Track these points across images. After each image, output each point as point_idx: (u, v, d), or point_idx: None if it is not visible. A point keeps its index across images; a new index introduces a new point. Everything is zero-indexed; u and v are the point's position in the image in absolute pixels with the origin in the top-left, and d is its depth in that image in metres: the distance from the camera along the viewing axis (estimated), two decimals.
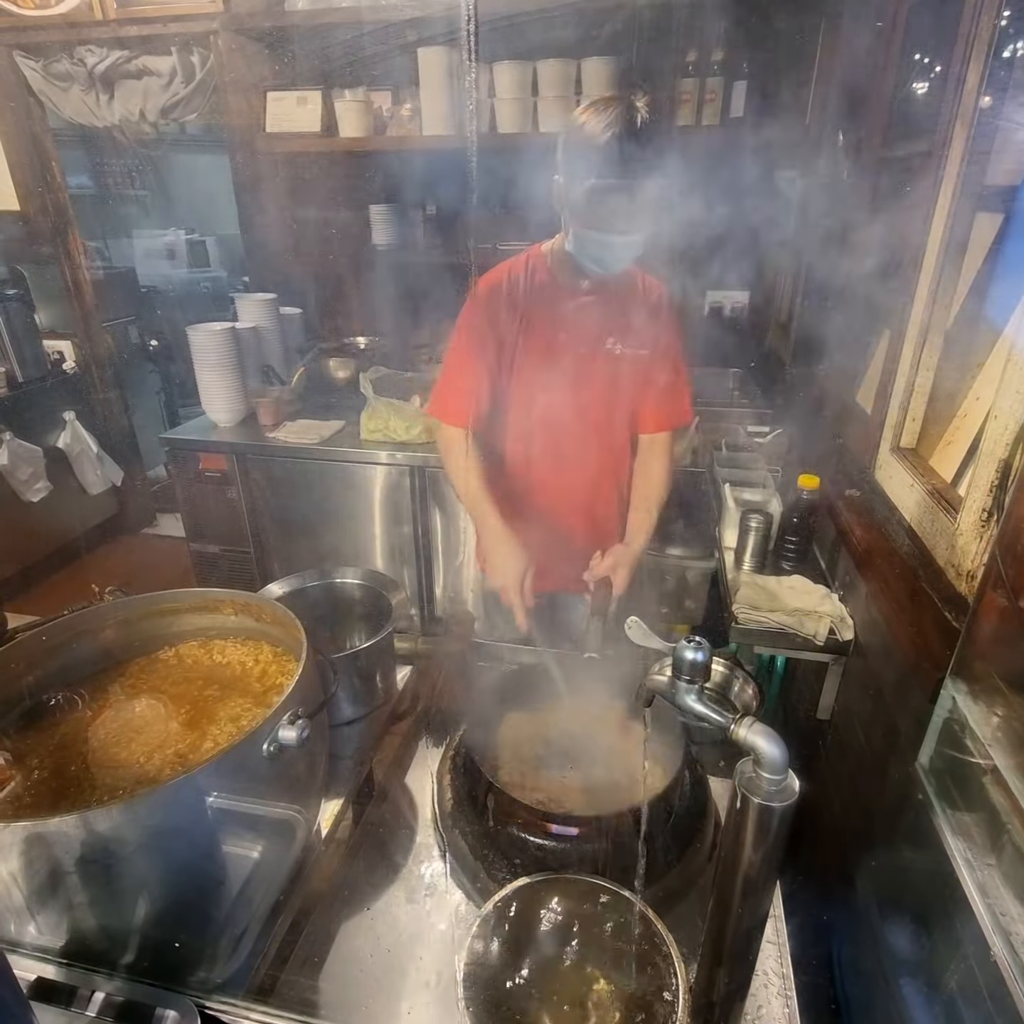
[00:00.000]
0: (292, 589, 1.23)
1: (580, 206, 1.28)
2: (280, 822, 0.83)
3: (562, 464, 1.59)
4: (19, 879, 0.67)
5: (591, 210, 1.27)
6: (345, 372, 2.72)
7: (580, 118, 1.23)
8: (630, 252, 1.34)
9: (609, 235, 1.29)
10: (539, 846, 0.87)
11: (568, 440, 1.57)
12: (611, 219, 1.27)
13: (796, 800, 0.58)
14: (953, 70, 1.25)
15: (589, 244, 1.33)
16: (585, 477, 1.61)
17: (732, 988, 0.69)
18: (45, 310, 3.57)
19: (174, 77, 2.87)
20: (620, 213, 1.26)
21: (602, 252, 1.33)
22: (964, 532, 1.06)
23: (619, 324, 1.48)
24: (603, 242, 1.31)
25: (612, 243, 1.30)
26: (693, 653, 0.64)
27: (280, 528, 2.68)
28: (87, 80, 2.93)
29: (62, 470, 3.50)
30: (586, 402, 1.53)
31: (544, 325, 1.47)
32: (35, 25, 2.88)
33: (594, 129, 1.20)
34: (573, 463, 1.59)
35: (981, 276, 1.26)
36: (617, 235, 1.29)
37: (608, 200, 1.25)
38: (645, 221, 1.30)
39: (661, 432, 1.58)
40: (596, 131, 1.20)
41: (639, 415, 1.57)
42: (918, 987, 0.85)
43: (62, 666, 0.92)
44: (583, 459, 1.59)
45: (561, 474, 1.60)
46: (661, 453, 1.58)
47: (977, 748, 0.84)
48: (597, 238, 1.30)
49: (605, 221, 1.28)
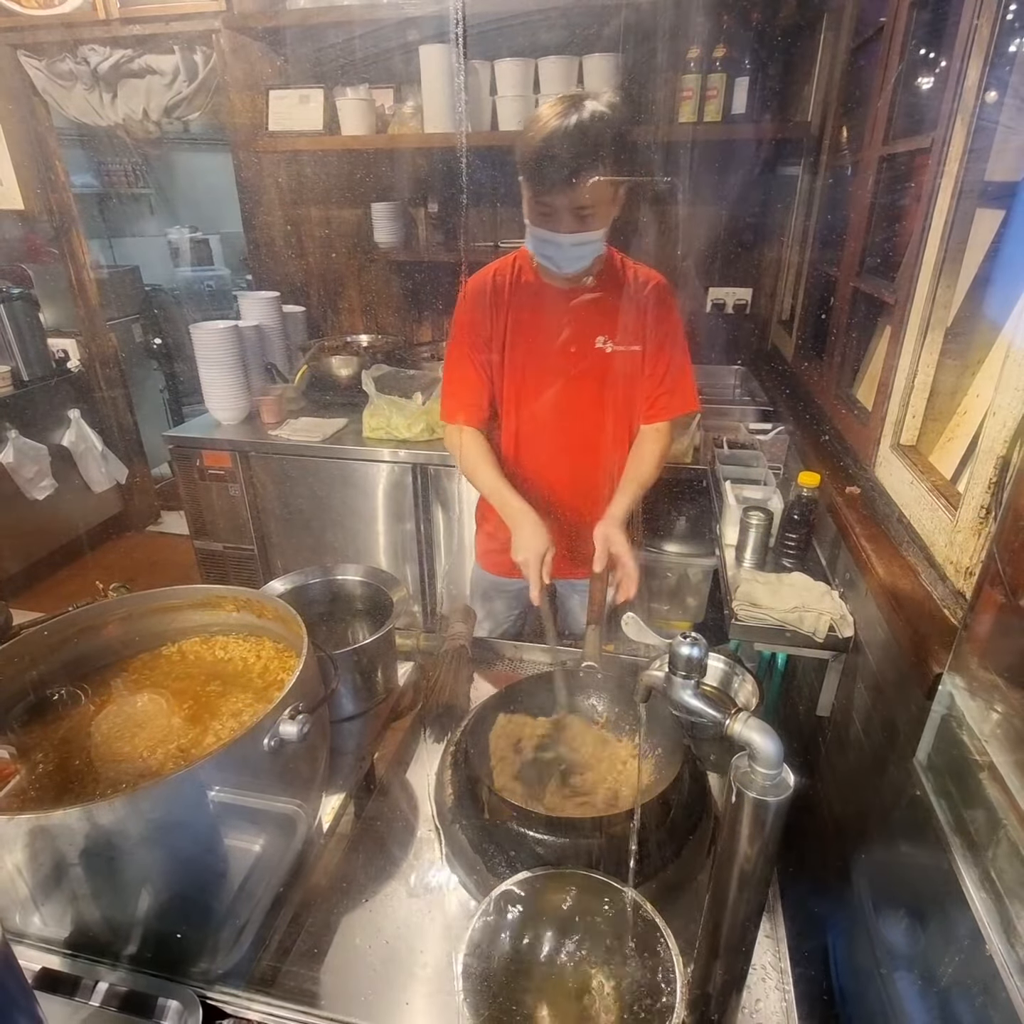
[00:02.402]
0: (294, 586, 1.24)
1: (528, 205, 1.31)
2: (281, 816, 0.84)
3: (557, 462, 1.60)
4: (24, 871, 0.68)
5: (537, 210, 1.30)
6: (347, 370, 2.73)
7: (531, 116, 1.26)
8: (585, 250, 1.34)
9: (555, 235, 1.30)
10: (538, 841, 0.87)
11: (562, 438, 1.57)
12: (556, 219, 1.29)
13: (791, 795, 0.59)
14: (954, 66, 1.25)
15: (539, 243, 1.34)
16: (581, 474, 1.61)
17: (728, 980, 0.70)
18: (50, 309, 3.59)
19: (177, 76, 2.88)
20: (564, 213, 1.27)
21: (551, 251, 1.34)
22: (963, 529, 1.06)
23: (608, 320, 1.48)
24: (551, 241, 1.32)
25: (560, 242, 1.31)
26: (689, 649, 0.64)
27: (283, 525, 2.69)
28: (90, 79, 2.94)
29: (67, 468, 3.52)
30: (578, 400, 1.53)
31: (531, 324, 1.48)
32: (39, 25, 2.89)
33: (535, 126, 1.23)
34: (568, 460, 1.60)
35: (981, 273, 1.25)
36: (564, 234, 1.30)
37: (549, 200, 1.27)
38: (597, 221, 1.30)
39: (659, 422, 1.57)
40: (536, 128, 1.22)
41: (636, 407, 1.57)
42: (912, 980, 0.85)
43: (66, 662, 0.93)
44: (578, 456, 1.59)
45: (556, 472, 1.61)
46: (656, 439, 1.56)
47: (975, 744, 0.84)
48: (545, 237, 1.32)
49: (550, 221, 1.29)
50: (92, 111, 3.04)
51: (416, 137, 2.69)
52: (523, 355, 1.49)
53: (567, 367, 1.50)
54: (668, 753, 1.02)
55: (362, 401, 2.49)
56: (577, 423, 1.55)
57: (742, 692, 1.18)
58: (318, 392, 2.80)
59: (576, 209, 1.27)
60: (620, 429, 1.60)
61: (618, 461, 1.61)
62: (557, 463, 1.60)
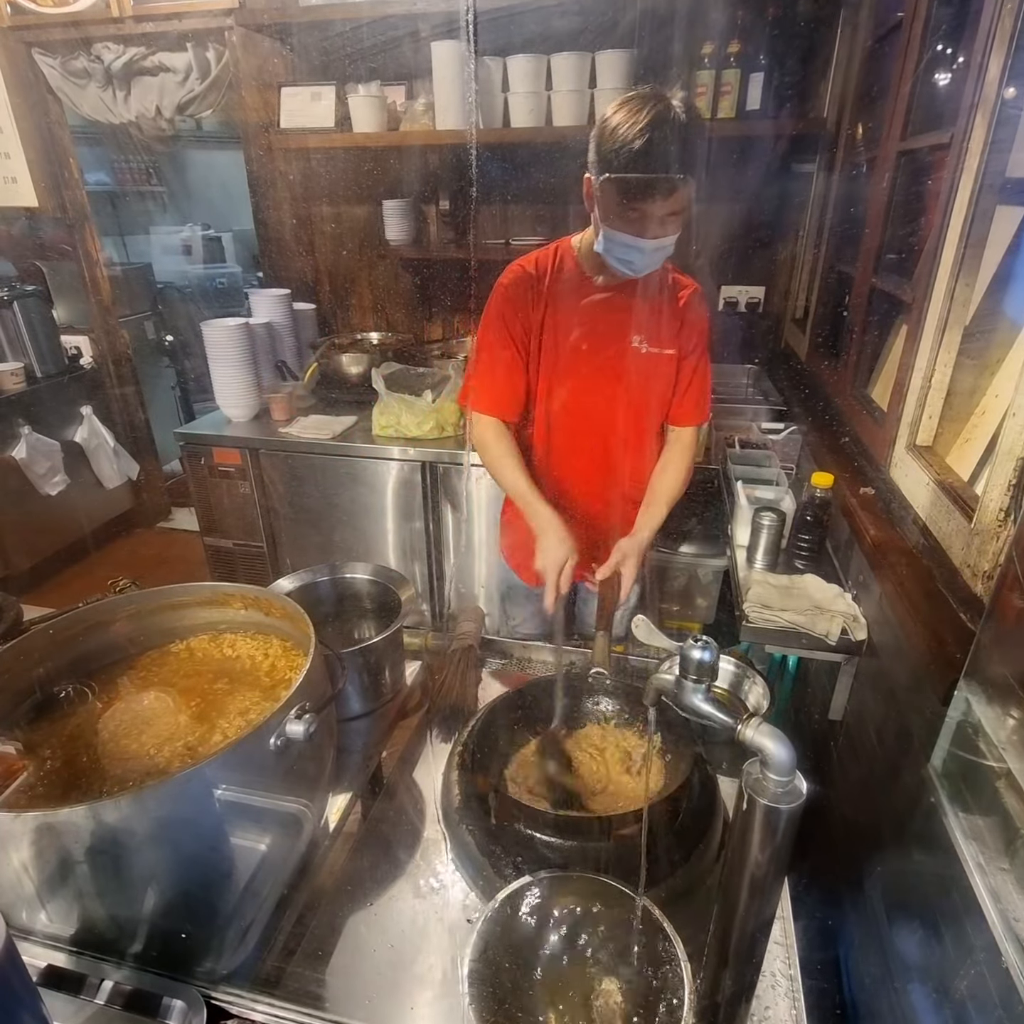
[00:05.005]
0: (302, 584, 1.23)
1: (612, 209, 1.24)
2: (288, 815, 0.84)
3: (587, 458, 1.58)
4: (30, 868, 0.68)
5: (623, 214, 1.23)
6: (358, 368, 2.73)
7: (614, 117, 1.17)
8: (661, 255, 1.31)
9: (641, 240, 1.25)
10: (545, 843, 0.87)
11: (592, 434, 1.55)
12: (644, 224, 1.23)
13: (803, 802, 0.57)
14: (974, 59, 1.22)
15: (619, 247, 1.29)
16: (610, 472, 1.60)
17: (737, 990, 0.69)
18: (63, 306, 3.61)
19: (190, 73, 2.89)
20: (654, 218, 1.22)
21: (633, 255, 1.29)
22: (981, 532, 1.04)
23: (646, 322, 1.46)
24: (634, 246, 1.27)
25: (644, 247, 1.26)
26: (700, 652, 0.63)
27: (292, 523, 2.70)
28: (104, 77, 2.96)
29: (79, 464, 3.55)
30: (612, 398, 1.51)
31: (569, 318, 1.45)
32: (53, 23, 2.90)
33: (630, 131, 1.14)
34: (598, 457, 1.58)
35: (1001, 271, 1.23)
36: (649, 239, 1.25)
37: (642, 206, 1.21)
38: (678, 225, 1.27)
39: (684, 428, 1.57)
40: (631, 133, 1.14)
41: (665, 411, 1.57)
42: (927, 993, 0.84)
43: (74, 658, 0.93)
44: (607, 453, 1.57)
45: (586, 468, 1.59)
46: (682, 449, 1.56)
47: (991, 751, 0.83)
48: (628, 242, 1.26)
49: (638, 226, 1.24)
50: (105, 109, 3.05)
51: (427, 134, 2.69)
52: (560, 348, 1.47)
53: (603, 364, 1.48)
54: (677, 757, 1.01)
55: (372, 399, 2.49)
56: (609, 420, 1.54)
57: (752, 695, 1.17)
58: (328, 390, 2.80)
59: (668, 215, 1.23)
60: (650, 430, 1.58)
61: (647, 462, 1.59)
62: (588, 458, 1.58)
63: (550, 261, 1.45)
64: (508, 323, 1.45)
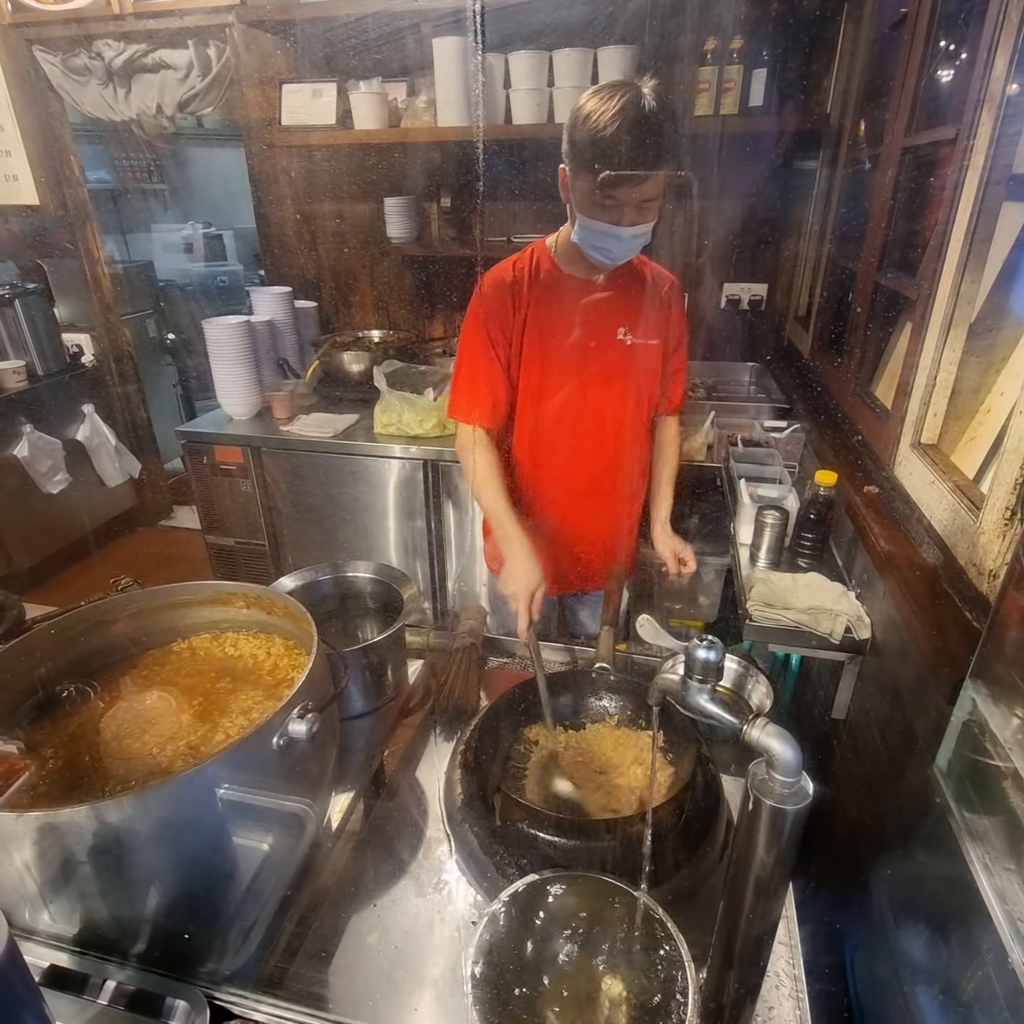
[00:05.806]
0: (304, 583, 1.23)
1: (587, 198, 1.26)
2: (290, 815, 0.83)
3: (574, 458, 1.58)
4: (33, 868, 0.68)
5: (599, 202, 1.25)
6: (359, 366, 2.72)
7: (586, 106, 1.18)
8: (638, 242, 1.33)
9: (618, 227, 1.27)
10: (549, 843, 0.86)
11: (580, 432, 1.55)
12: (620, 211, 1.25)
13: (809, 803, 0.57)
14: (980, 55, 1.21)
15: (596, 235, 1.31)
16: (598, 472, 1.60)
17: (742, 992, 0.68)
18: (64, 304, 3.61)
19: (190, 70, 2.88)
20: (629, 205, 1.24)
21: (610, 243, 1.31)
22: (986, 530, 1.03)
23: (627, 314, 1.47)
24: (611, 234, 1.28)
25: (620, 234, 1.28)
26: (706, 652, 0.63)
27: (294, 521, 2.70)
28: (105, 74, 2.95)
29: (81, 462, 3.55)
30: (597, 393, 1.51)
31: (551, 318, 1.45)
32: (54, 20, 2.90)
33: (601, 118, 1.15)
34: (585, 457, 1.58)
35: (1007, 268, 1.22)
36: (626, 227, 1.27)
37: (617, 193, 1.22)
38: (655, 212, 1.28)
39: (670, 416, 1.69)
40: (603, 120, 1.15)
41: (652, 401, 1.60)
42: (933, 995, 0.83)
43: (76, 657, 0.93)
44: (595, 453, 1.57)
45: (575, 468, 1.59)
46: (673, 436, 1.71)
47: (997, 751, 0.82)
48: (605, 230, 1.28)
49: (614, 213, 1.25)
50: (106, 106, 3.04)
51: (429, 131, 2.68)
52: (543, 348, 1.47)
53: (588, 359, 1.48)
54: (681, 756, 1.01)
55: (374, 397, 2.48)
56: (595, 417, 1.54)
57: (755, 694, 1.16)
58: (329, 388, 2.79)
59: (643, 201, 1.24)
60: (637, 424, 1.59)
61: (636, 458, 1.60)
62: (574, 459, 1.57)
63: (527, 264, 1.45)
64: (489, 330, 1.45)
